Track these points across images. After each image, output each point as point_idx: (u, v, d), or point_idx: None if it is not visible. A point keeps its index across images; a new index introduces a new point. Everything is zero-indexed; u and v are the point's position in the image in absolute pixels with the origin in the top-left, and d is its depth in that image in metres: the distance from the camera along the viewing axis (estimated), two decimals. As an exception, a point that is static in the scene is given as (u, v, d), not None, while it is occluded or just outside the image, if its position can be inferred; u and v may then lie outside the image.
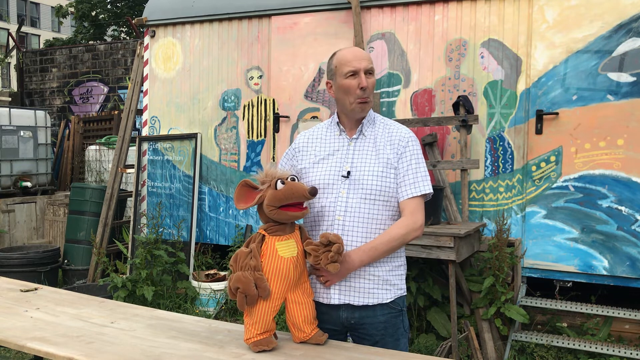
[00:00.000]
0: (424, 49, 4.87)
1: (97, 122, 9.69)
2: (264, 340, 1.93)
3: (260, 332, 1.93)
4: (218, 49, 5.84)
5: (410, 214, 2.09)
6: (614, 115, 4.19)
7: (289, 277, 1.94)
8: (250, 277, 1.88)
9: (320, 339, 1.99)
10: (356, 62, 2.09)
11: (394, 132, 2.17)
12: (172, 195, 6.05)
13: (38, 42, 35.64)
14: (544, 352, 4.11)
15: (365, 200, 2.08)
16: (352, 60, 2.10)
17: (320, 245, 1.92)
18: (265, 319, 1.93)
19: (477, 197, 4.66)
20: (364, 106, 2.13)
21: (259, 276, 1.89)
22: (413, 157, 2.14)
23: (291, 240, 1.96)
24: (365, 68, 2.10)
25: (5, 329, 2.13)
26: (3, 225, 7.17)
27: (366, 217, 2.08)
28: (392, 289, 2.13)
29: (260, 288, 1.89)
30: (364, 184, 2.09)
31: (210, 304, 5.24)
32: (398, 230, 2.07)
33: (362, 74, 2.08)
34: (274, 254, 1.93)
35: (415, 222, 2.09)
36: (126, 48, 10.40)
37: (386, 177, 2.10)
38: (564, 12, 4.33)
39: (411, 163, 2.12)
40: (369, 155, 2.14)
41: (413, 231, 2.09)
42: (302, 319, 1.99)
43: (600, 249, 4.24)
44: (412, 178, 2.11)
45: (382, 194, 2.09)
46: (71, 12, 18.04)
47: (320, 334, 2.01)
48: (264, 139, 5.63)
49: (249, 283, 1.87)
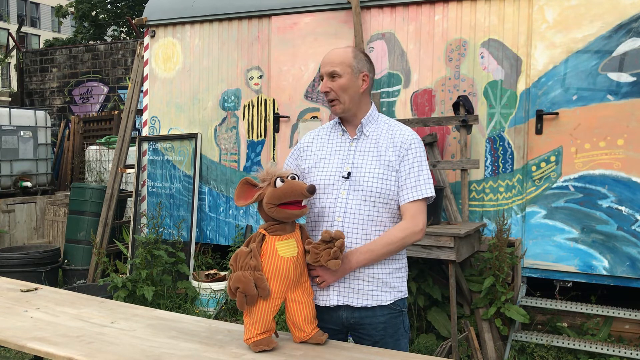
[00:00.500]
0: (424, 49, 4.87)
1: (97, 122, 9.69)
2: (264, 340, 1.93)
3: (260, 332, 1.93)
4: (218, 49, 5.84)
5: (411, 218, 2.08)
6: (614, 115, 4.19)
7: (289, 276, 1.94)
8: (250, 277, 1.87)
9: (321, 339, 1.99)
10: (322, 67, 2.19)
11: (397, 133, 2.16)
12: (172, 195, 6.05)
13: (38, 42, 35.64)
14: (544, 352, 4.11)
15: (365, 202, 2.08)
16: (321, 64, 2.20)
17: (321, 242, 1.92)
18: (265, 318, 1.93)
19: (477, 197, 4.66)
20: (332, 108, 2.19)
21: (258, 276, 1.89)
22: (415, 159, 2.12)
23: (291, 240, 1.96)
24: (327, 72, 2.16)
25: (5, 329, 2.13)
26: (3, 225, 7.17)
27: (366, 218, 2.07)
28: (392, 291, 2.13)
29: (260, 288, 1.88)
30: (364, 185, 2.08)
31: (210, 304, 5.24)
32: (397, 233, 2.07)
33: (325, 77, 2.17)
34: (274, 254, 1.92)
35: (415, 226, 2.08)
36: (126, 48, 10.40)
37: (386, 180, 2.09)
38: (564, 12, 4.33)
39: (413, 166, 2.11)
40: (370, 157, 2.13)
41: (413, 235, 2.08)
42: (302, 318, 1.99)
43: (600, 249, 4.24)
44: (413, 181, 2.10)
45: (381, 196, 2.08)
46: (71, 12, 18.05)
47: (320, 334, 2.01)
48: (264, 139, 5.63)
49: (249, 283, 1.87)
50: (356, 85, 2.16)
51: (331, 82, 2.15)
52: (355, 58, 2.16)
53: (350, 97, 2.15)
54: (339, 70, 2.13)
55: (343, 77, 2.13)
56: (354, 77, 2.15)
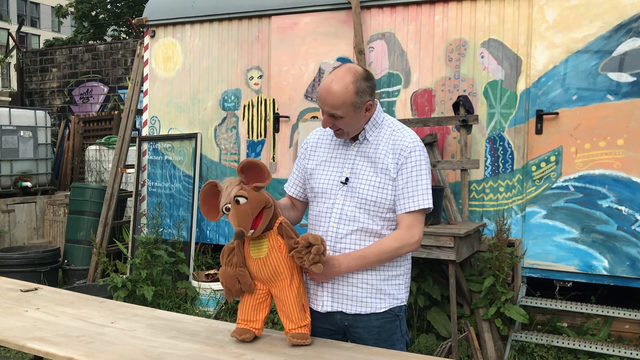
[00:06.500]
0: (424, 49, 4.87)
1: (97, 122, 9.69)
2: (241, 329, 2.02)
3: (241, 319, 2.03)
4: (218, 49, 5.84)
5: (407, 228, 2.04)
6: (614, 115, 4.19)
7: (259, 276, 2.00)
8: (232, 273, 1.98)
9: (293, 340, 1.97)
10: (320, 103, 2.03)
11: (399, 139, 2.07)
12: (172, 195, 6.05)
13: (38, 42, 35.64)
14: (544, 352, 4.11)
15: (359, 209, 2.05)
16: (319, 99, 2.03)
17: (302, 247, 1.90)
18: (245, 309, 2.03)
19: (477, 197, 4.66)
20: (336, 135, 2.12)
21: (240, 272, 1.98)
22: (414, 168, 2.04)
23: (263, 241, 1.97)
24: (327, 112, 2.01)
25: (5, 329, 2.13)
26: (3, 225, 7.17)
27: (360, 226, 2.04)
28: (386, 298, 2.09)
29: (243, 283, 1.98)
30: (360, 192, 2.04)
31: (210, 304, 5.24)
32: (391, 242, 2.03)
33: (326, 115, 2.03)
34: (248, 253, 2.00)
35: (411, 237, 2.04)
36: (126, 48, 10.39)
37: (383, 188, 2.04)
38: (564, 12, 4.33)
39: (411, 175, 2.04)
40: (369, 163, 2.08)
41: (407, 246, 2.04)
42: (283, 314, 2.02)
43: (600, 249, 4.24)
44: (411, 191, 2.03)
45: (377, 205, 2.04)
46: (71, 12, 18.05)
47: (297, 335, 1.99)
48: (264, 139, 5.63)
49: (231, 279, 1.98)
50: (361, 117, 2.05)
51: (334, 120, 2.03)
52: (357, 93, 1.98)
53: (355, 127, 2.08)
54: (340, 113, 1.99)
55: (346, 117, 2.01)
56: (358, 112, 2.02)
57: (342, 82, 1.97)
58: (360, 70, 2.03)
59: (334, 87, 1.97)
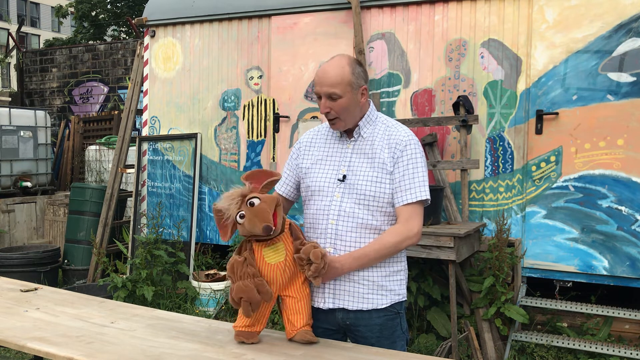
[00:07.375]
0: (424, 49, 4.87)
1: (97, 122, 9.69)
2: (248, 333, 1.98)
3: (247, 325, 1.99)
4: (218, 49, 5.84)
5: (405, 221, 2.04)
6: (614, 115, 4.19)
7: (277, 282, 1.96)
8: (251, 285, 1.89)
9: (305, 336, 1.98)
10: (318, 85, 2.05)
11: (393, 134, 2.10)
12: (172, 195, 6.05)
13: (38, 42, 35.64)
14: (544, 352, 4.11)
15: (359, 206, 2.05)
16: (316, 83, 2.06)
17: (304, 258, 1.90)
18: (257, 316, 1.98)
19: (477, 197, 4.66)
20: (333, 126, 2.12)
21: (259, 282, 1.91)
22: (410, 161, 2.06)
23: (279, 244, 1.95)
24: (325, 93, 2.03)
25: (5, 329, 2.13)
26: (3, 225, 7.17)
27: (359, 222, 2.05)
28: (388, 294, 2.10)
29: (262, 293, 1.91)
30: (358, 188, 2.05)
31: (210, 304, 5.24)
32: (390, 237, 2.04)
33: (324, 98, 2.04)
34: (262, 261, 1.94)
35: (410, 230, 2.03)
36: (126, 48, 10.39)
37: (381, 183, 2.05)
38: (564, 12, 4.33)
39: (408, 168, 2.05)
40: (366, 159, 2.09)
41: (407, 239, 2.04)
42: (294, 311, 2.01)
43: (600, 249, 4.24)
44: (408, 184, 2.04)
45: (376, 199, 2.05)
46: (71, 12, 18.06)
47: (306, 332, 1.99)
48: (264, 139, 5.63)
49: (252, 291, 1.89)
50: (357, 102, 2.08)
51: (331, 103, 2.04)
52: (353, 73, 2.04)
53: (352, 115, 2.09)
54: (338, 91, 2.02)
55: (344, 97, 2.03)
56: (355, 94, 2.05)
57: (338, 63, 2.06)
58: (353, 57, 2.13)
59: (331, 66, 2.06)
